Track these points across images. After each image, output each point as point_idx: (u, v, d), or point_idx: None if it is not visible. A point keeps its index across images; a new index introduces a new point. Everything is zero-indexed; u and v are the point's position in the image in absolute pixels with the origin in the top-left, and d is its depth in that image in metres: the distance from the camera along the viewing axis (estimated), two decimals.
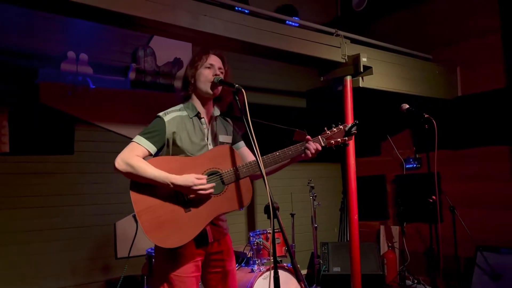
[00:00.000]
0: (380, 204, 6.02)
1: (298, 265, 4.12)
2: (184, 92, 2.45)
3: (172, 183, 2.14)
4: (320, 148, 2.36)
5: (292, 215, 4.51)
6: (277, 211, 2.03)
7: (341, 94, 4.18)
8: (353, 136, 2.43)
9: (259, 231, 3.93)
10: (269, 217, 2.02)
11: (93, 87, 4.33)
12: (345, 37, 4.16)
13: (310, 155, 2.35)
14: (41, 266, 4.01)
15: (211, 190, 2.20)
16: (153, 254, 3.66)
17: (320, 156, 5.97)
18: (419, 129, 5.18)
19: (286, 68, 5.82)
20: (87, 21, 4.19)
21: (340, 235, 6.35)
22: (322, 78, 4.30)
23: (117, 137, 4.48)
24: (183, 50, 4.93)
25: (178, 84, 4.89)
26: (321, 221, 4.89)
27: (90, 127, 4.35)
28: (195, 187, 2.15)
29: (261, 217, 5.46)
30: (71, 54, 4.25)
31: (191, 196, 2.19)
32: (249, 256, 3.96)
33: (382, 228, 5.95)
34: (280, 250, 3.94)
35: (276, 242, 3.89)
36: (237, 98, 2.22)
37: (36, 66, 4.06)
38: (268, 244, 3.81)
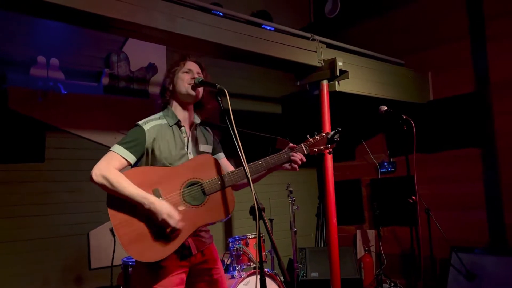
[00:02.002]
0: (356, 208, 6.06)
1: (277, 271, 4.09)
2: (162, 99, 2.40)
3: (149, 204, 2.07)
4: (304, 159, 2.34)
5: (271, 220, 4.48)
6: (262, 212, 1.99)
7: (318, 98, 4.20)
8: (335, 144, 2.41)
9: (238, 237, 3.88)
10: (254, 219, 1.99)
11: (65, 92, 4.20)
12: (321, 42, 4.19)
13: (297, 168, 2.33)
14: (10, 279, 3.82)
15: (176, 231, 2.11)
16: (129, 264, 3.59)
17: None
18: (395, 132, 5.26)
19: (261, 74, 5.81)
20: (58, 25, 4.13)
21: (317, 240, 6.35)
22: (298, 83, 4.30)
23: (90, 143, 4.35)
24: (157, 55, 4.86)
25: (152, 89, 4.81)
26: (298, 227, 4.88)
27: (62, 133, 4.21)
28: (165, 217, 2.07)
29: (238, 224, 5.40)
30: (41, 58, 4.11)
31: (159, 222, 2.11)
32: (228, 263, 3.90)
33: (358, 232, 5.99)
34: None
35: (256, 247, 3.85)
36: (219, 99, 2.19)
37: (4, 71, 3.90)
38: (248, 250, 3.76)
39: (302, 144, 2.37)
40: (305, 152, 2.35)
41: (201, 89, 2.36)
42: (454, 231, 4.83)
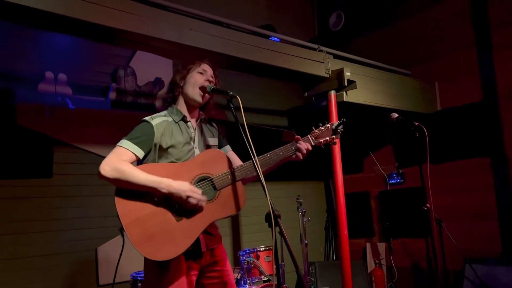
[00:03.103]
0: (365, 221, 5.99)
1: (288, 284, 4.02)
2: (171, 94, 2.40)
3: (167, 186, 2.05)
4: (310, 148, 2.34)
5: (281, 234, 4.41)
6: (278, 219, 1.96)
7: (325, 109, 4.19)
8: (340, 134, 2.44)
9: (248, 250, 3.82)
10: (270, 226, 1.96)
11: (73, 107, 4.21)
12: (328, 53, 4.20)
13: (301, 157, 2.33)
14: None
15: (203, 204, 2.12)
16: (139, 279, 3.53)
17: (303, 174, 5.92)
18: (405, 142, 5.24)
19: (267, 88, 5.82)
20: (65, 40, 4.17)
21: (326, 254, 6.26)
22: (306, 94, 4.30)
23: (98, 158, 4.28)
24: (164, 70, 4.88)
25: (159, 104, 4.81)
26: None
27: (70, 148, 4.20)
28: (188, 193, 2.06)
29: (246, 238, 5.34)
30: (49, 74, 4.12)
31: (183, 204, 2.09)
32: (239, 277, 3.83)
33: (368, 245, 5.91)
34: (271, 268, 3.83)
35: (267, 260, 3.79)
36: (232, 105, 2.18)
37: (12, 87, 3.91)
38: (259, 263, 3.70)
39: (308, 136, 2.39)
40: (312, 143, 2.36)
41: (207, 96, 2.35)
42: (466, 242, 4.75)
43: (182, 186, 2.08)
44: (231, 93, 2.17)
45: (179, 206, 2.11)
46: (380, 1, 5.70)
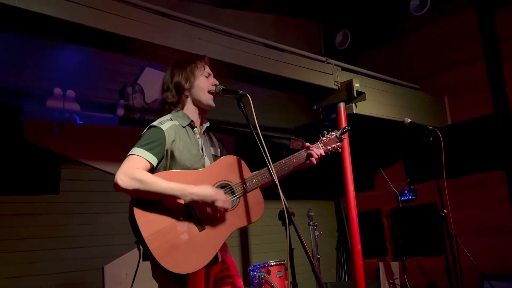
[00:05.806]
0: (378, 240, 5.84)
1: None
2: (177, 97, 2.25)
3: (190, 193, 1.97)
4: (323, 153, 2.37)
5: (292, 249, 4.30)
6: (292, 217, 1.89)
7: (335, 122, 4.14)
8: (344, 141, 2.50)
9: (259, 264, 3.71)
10: (283, 224, 1.89)
11: (81, 123, 4.19)
12: (336, 65, 4.18)
13: (315, 162, 2.34)
14: None
15: (229, 205, 2.05)
16: None
17: (312, 193, 5.79)
18: (418, 155, 5.15)
19: (273, 105, 5.80)
20: (74, 57, 4.19)
21: (338, 275, 6.09)
22: (315, 107, 4.27)
23: (105, 175, 4.28)
24: None
25: None
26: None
27: (77, 165, 4.16)
28: (214, 197, 2.00)
29: (256, 258, 5.21)
30: (57, 90, 4.12)
31: (208, 210, 2.02)
32: None
33: (381, 265, 5.74)
34: (283, 284, 3.70)
35: (278, 275, 3.67)
36: (242, 105, 2.13)
37: (21, 103, 3.91)
38: (270, 278, 3.58)
39: (318, 143, 2.42)
40: (321, 150, 2.39)
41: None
42: (483, 258, 4.59)
43: (206, 191, 2.00)
44: (241, 92, 2.13)
45: (201, 215, 2.03)
46: (386, 17, 5.72)
